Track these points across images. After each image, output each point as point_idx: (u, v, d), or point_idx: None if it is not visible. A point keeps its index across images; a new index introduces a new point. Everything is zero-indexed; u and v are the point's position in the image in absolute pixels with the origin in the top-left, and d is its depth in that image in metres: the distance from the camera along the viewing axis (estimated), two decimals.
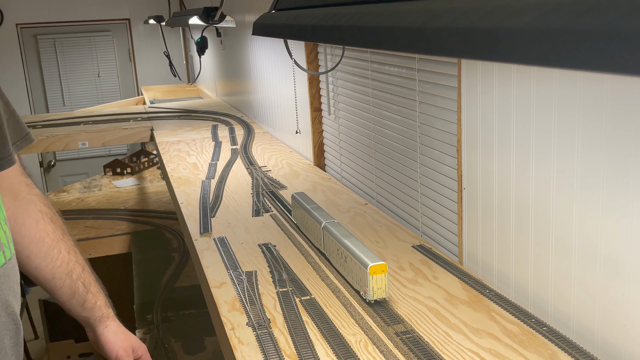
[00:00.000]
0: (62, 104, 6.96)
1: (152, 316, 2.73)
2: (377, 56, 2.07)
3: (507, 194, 1.42)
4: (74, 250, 1.33)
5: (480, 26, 0.60)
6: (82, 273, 1.32)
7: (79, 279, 1.32)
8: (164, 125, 4.04)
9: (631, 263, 1.09)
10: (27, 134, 1.31)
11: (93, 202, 4.47)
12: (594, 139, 1.14)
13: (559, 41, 0.50)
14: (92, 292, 1.33)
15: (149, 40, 7.14)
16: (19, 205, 1.28)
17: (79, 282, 1.31)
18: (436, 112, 1.72)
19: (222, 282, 1.59)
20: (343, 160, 2.54)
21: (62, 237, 1.32)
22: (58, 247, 1.30)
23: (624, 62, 0.43)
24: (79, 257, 1.34)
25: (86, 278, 1.33)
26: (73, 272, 1.31)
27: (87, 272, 1.34)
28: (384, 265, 1.39)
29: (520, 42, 0.53)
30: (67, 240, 1.33)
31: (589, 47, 0.45)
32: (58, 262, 1.29)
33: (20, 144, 1.29)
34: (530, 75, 1.28)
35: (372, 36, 0.79)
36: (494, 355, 1.18)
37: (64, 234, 1.33)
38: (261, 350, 1.24)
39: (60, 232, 1.32)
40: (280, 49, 3.03)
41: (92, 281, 1.34)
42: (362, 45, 0.82)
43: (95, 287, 1.35)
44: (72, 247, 1.33)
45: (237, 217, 2.10)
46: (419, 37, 0.68)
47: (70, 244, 1.34)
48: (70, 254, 1.32)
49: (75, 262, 1.32)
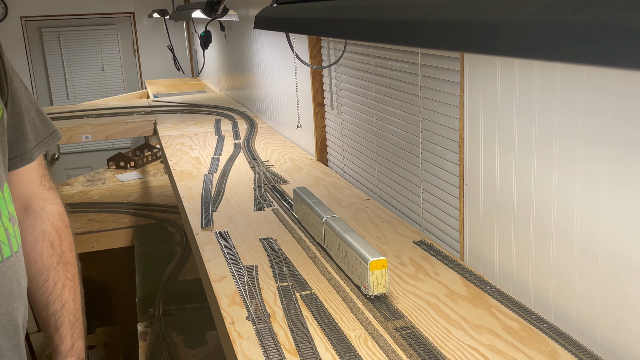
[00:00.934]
0: (66, 97, 6.97)
1: (154, 310, 2.74)
2: (380, 51, 2.06)
3: (509, 190, 1.41)
4: (63, 284, 1.25)
5: (481, 19, 0.59)
6: (59, 310, 1.24)
7: (53, 315, 1.23)
8: (167, 119, 4.04)
9: (632, 260, 1.08)
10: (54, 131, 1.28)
11: (96, 195, 4.48)
12: (596, 137, 1.13)
13: (561, 34, 0.49)
14: (60, 334, 1.24)
15: (153, 34, 7.14)
16: (27, 218, 1.24)
17: (52, 319, 1.23)
18: (439, 107, 1.72)
19: (222, 276, 1.59)
20: (345, 156, 2.54)
21: (55, 266, 1.24)
22: (46, 275, 1.23)
23: (626, 55, 0.43)
24: (65, 291, 1.25)
25: (61, 317, 1.24)
26: (50, 306, 1.23)
27: (67, 310, 1.25)
28: (384, 261, 1.39)
29: (522, 36, 0.53)
30: (61, 269, 1.25)
31: (592, 41, 0.45)
32: (41, 290, 1.23)
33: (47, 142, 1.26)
34: (533, 71, 1.28)
35: (372, 30, 0.78)
36: (494, 352, 1.18)
37: (60, 262, 1.25)
38: (261, 344, 1.24)
39: (55, 259, 1.24)
40: (284, 43, 3.02)
41: (66, 322, 1.24)
42: (363, 39, 0.81)
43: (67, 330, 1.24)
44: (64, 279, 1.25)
45: (238, 212, 2.09)
46: (419, 30, 0.67)
47: (63, 275, 1.25)
48: (56, 285, 1.24)
49: (58, 296, 1.24)
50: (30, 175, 1.24)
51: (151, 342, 2.49)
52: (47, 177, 1.29)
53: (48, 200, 1.28)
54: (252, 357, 1.21)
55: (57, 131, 1.29)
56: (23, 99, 1.20)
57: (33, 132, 1.23)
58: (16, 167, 1.20)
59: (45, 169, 1.29)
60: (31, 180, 1.25)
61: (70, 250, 1.29)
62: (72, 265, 1.28)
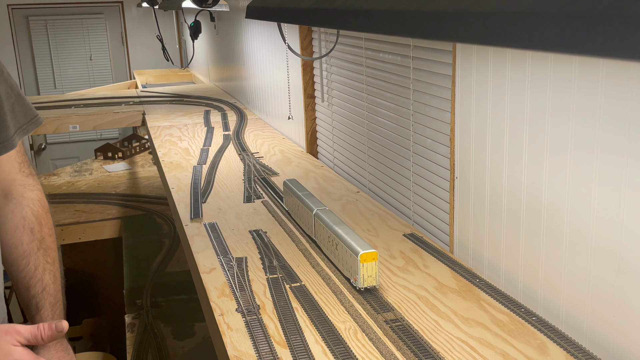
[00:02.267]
0: (53, 86, 6.89)
1: (141, 301, 2.73)
2: (372, 43, 2.05)
3: (500, 183, 1.41)
4: (44, 268, 1.28)
5: (476, 10, 0.59)
6: (40, 293, 1.27)
7: (34, 298, 1.26)
8: (156, 110, 4.01)
9: (621, 254, 1.09)
10: (34, 116, 1.28)
11: (84, 186, 4.44)
12: (587, 132, 1.13)
13: (555, 25, 0.49)
14: (41, 315, 1.27)
15: (142, 24, 7.07)
16: (6, 204, 1.26)
17: (33, 301, 1.27)
18: (430, 100, 1.71)
19: (212, 268, 1.58)
20: (336, 148, 2.53)
21: (35, 251, 1.27)
22: (27, 260, 1.26)
23: (621, 45, 0.42)
24: (46, 275, 1.28)
25: (42, 299, 1.27)
26: (31, 289, 1.26)
27: (47, 292, 1.28)
28: (374, 253, 1.39)
29: (517, 26, 0.52)
30: (41, 254, 1.28)
31: (588, 31, 0.44)
32: (22, 274, 1.26)
33: (26, 127, 1.26)
34: (525, 65, 1.27)
35: (367, 20, 0.77)
36: (483, 344, 1.18)
37: (40, 247, 1.28)
38: (250, 336, 1.24)
39: (36, 245, 1.27)
40: (275, 34, 3.00)
41: (47, 304, 1.27)
42: (357, 29, 0.81)
43: (48, 311, 1.28)
44: (44, 263, 1.28)
45: (228, 203, 2.08)
46: (415, 20, 0.67)
47: (43, 259, 1.28)
48: (37, 269, 1.27)
49: (39, 279, 1.27)
50: (9, 162, 1.25)
51: (139, 333, 2.48)
52: (27, 163, 1.30)
53: (27, 187, 1.29)
54: (242, 348, 1.20)
55: (37, 116, 1.29)
56: (2, 85, 1.20)
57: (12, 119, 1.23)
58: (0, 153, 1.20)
59: (25, 155, 1.30)
60: (10, 167, 1.25)
61: (50, 235, 1.31)
62: (52, 250, 1.31)
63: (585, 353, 1.12)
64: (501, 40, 0.56)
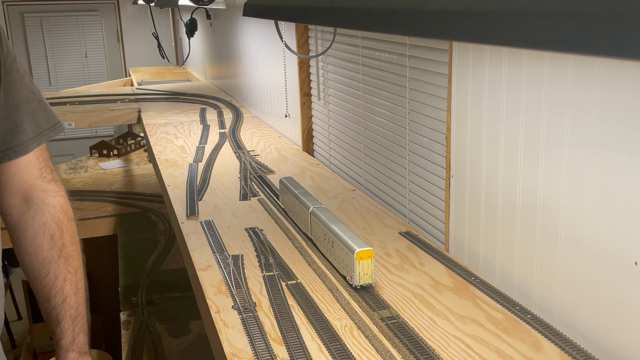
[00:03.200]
0: (48, 83, 6.87)
1: (137, 299, 2.72)
2: (368, 42, 2.06)
3: (495, 182, 1.42)
4: (64, 277, 1.24)
5: (474, 8, 0.59)
6: (60, 304, 1.24)
7: (54, 309, 1.24)
8: (152, 108, 4.00)
9: (615, 253, 1.10)
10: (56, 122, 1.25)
11: (79, 183, 4.43)
12: (583, 130, 1.14)
13: (553, 24, 0.49)
14: (61, 328, 1.24)
15: (138, 21, 7.06)
16: (27, 210, 1.23)
17: (53, 312, 1.24)
18: (426, 99, 1.72)
19: (208, 265, 1.58)
20: (332, 146, 2.53)
21: (56, 259, 1.23)
22: (47, 268, 1.22)
23: (617, 44, 0.43)
24: (67, 285, 1.24)
25: (62, 311, 1.24)
26: (52, 300, 1.23)
27: (68, 304, 1.24)
28: (370, 251, 1.39)
29: (516, 25, 0.53)
30: (62, 263, 1.24)
31: (586, 30, 0.45)
32: (42, 283, 1.23)
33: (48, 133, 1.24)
34: (521, 63, 1.28)
35: (364, 18, 0.78)
36: (478, 342, 1.18)
37: (61, 256, 1.24)
38: (246, 333, 1.24)
39: (56, 253, 1.23)
40: (271, 32, 3.00)
41: (67, 316, 1.24)
42: (354, 27, 0.81)
43: (68, 324, 1.24)
44: (65, 272, 1.24)
45: (224, 201, 2.08)
46: (413, 19, 0.67)
47: (64, 269, 1.24)
48: (57, 279, 1.23)
49: (59, 290, 1.23)
50: (27, 167, 1.22)
51: (134, 331, 2.48)
52: (49, 169, 1.27)
53: (49, 193, 1.26)
54: (238, 345, 1.20)
55: (60, 123, 1.27)
56: (23, 90, 1.18)
57: (31, 124, 1.21)
58: (9, 159, 1.19)
59: (48, 160, 1.26)
60: (29, 172, 1.23)
61: (73, 243, 1.27)
62: (74, 259, 1.27)
63: (580, 351, 1.13)
64: (498, 39, 0.56)
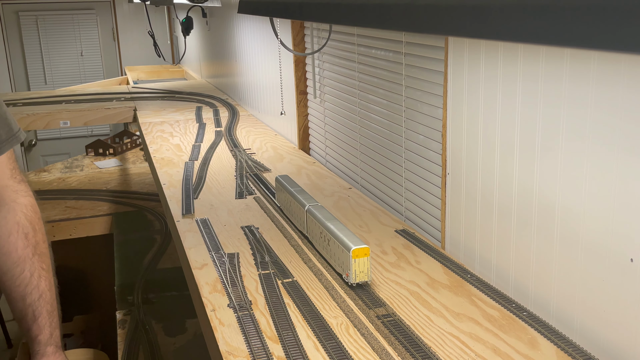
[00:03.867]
0: (43, 82, 6.84)
1: (133, 297, 2.71)
2: (364, 39, 2.05)
3: (491, 180, 1.42)
4: (39, 274, 1.26)
5: (469, 3, 0.59)
6: (37, 300, 1.25)
7: (30, 306, 1.25)
8: (148, 106, 3.99)
9: (611, 250, 1.10)
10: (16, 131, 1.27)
11: (74, 182, 4.41)
12: (579, 127, 1.14)
13: (550, 18, 0.49)
14: (38, 324, 1.26)
15: (133, 20, 7.04)
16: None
17: (29, 309, 1.25)
18: (422, 96, 1.72)
19: (203, 264, 1.58)
20: (328, 144, 2.53)
21: (30, 257, 1.25)
22: (22, 266, 1.24)
23: (617, 38, 0.42)
24: (42, 281, 1.26)
25: (39, 307, 1.25)
26: (27, 297, 1.25)
27: (44, 300, 1.26)
28: (366, 249, 1.39)
29: (512, 19, 0.52)
30: (37, 260, 1.26)
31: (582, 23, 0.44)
32: (17, 282, 1.24)
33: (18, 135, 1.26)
34: (517, 60, 1.28)
35: (359, 14, 0.77)
36: (474, 339, 1.18)
37: (35, 253, 1.26)
38: (242, 331, 1.24)
39: (31, 251, 1.25)
40: (267, 30, 3.00)
41: (44, 311, 1.26)
42: (350, 23, 0.80)
43: (45, 319, 1.27)
44: (39, 269, 1.26)
45: (220, 199, 2.08)
46: (408, 14, 0.67)
47: (39, 266, 1.26)
48: (32, 276, 1.25)
49: (35, 286, 1.25)
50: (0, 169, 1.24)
51: (130, 330, 2.47)
52: (18, 170, 1.29)
53: (20, 193, 1.28)
54: (234, 344, 1.20)
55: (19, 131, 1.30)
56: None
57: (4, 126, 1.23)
58: None
59: (15, 162, 1.29)
60: (1, 173, 1.25)
61: (44, 241, 1.30)
62: (47, 256, 1.29)
63: (576, 348, 1.13)
64: (494, 34, 0.56)
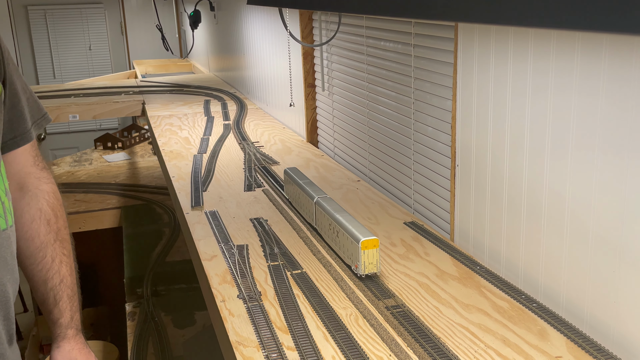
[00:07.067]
0: (52, 76, 6.88)
1: (142, 290, 2.73)
2: (373, 31, 2.05)
3: (500, 171, 1.41)
4: (60, 260, 1.29)
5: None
6: (58, 285, 1.28)
7: (52, 290, 1.28)
8: (156, 100, 4.00)
9: (621, 241, 1.09)
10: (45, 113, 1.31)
11: (83, 176, 4.44)
12: (589, 121, 1.13)
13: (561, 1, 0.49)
14: (59, 308, 1.29)
15: (141, 13, 7.05)
16: (22, 197, 1.27)
17: (51, 293, 1.28)
18: (431, 88, 1.71)
19: (213, 255, 1.58)
20: (336, 137, 2.53)
21: (52, 243, 1.28)
22: (44, 251, 1.27)
23: (629, 22, 0.42)
24: (63, 267, 1.30)
25: (60, 291, 1.29)
26: (49, 281, 1.28)
27: (65, 284, 1.30)
28: (375, 240, 1.39)
29: (523, 4, 0.52)
30: (58, 246, 1.29)
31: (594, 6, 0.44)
32: (39, 267, 1.27)
33: (40, 123, 1.28)
34: (527, 53, 1.27)
35: (369, 2, 0.77)
36: (484, 330, 1.18)
37: (57, 239, 1.29)
38: (252, 322, 1.24)
39: (53, 237, 1.28)
40: (275, 23, 2.99)
41: (65, 296, 1.29)
42: (359, 11, 0.80)
43: (66, 304, 1.30)
44: (60, 255, 1.29)
45: (228, 192, 2.08)
46: (417, 1, 0.67)
47: (60, 251, 1.29)
48: (54, 261, 1.28)
49: (56, 271, 1.28)
50: (24, 155, 1.26)
51: (139, 322, 2.49)
52: (40, 157, 1.31)
53: (42, 179, 1.30)
54: (244, 334, 1.21)
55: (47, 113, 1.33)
56: (20, 80, 1.23)
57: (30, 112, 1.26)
58: (17, 146, 1.23)
59: (38, 149, 1.32)
60: (25, 160, 1.27)
61: (65, 227, 1.33)
62: (68, 242, 1.32)
63: (586, 339, 1.13)
64: (505, 19, 0.55)
